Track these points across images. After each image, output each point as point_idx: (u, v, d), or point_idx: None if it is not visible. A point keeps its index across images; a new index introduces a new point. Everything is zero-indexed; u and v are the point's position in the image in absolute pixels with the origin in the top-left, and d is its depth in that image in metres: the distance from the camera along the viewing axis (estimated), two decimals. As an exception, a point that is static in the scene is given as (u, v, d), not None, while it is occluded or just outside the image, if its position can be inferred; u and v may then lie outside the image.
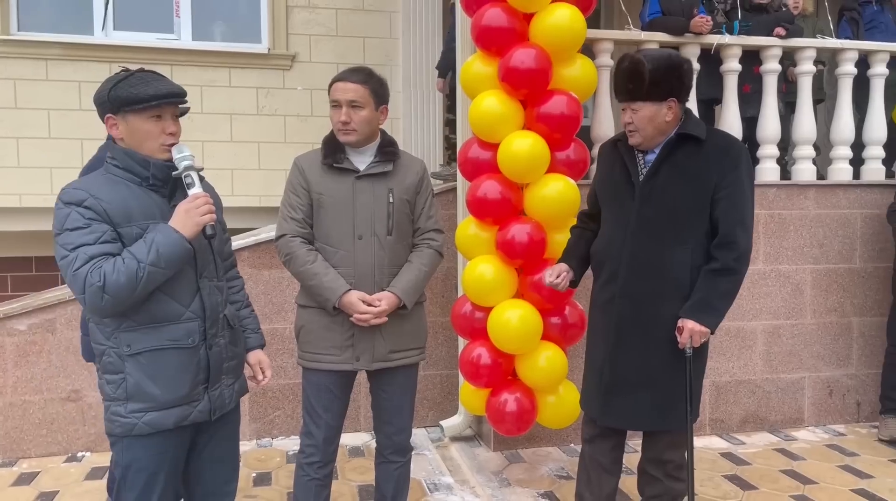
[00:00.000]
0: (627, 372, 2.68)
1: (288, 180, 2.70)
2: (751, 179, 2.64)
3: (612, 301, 2.72)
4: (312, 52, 6.31)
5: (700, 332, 2.53)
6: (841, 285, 4.60)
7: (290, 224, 2.63)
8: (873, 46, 4.73)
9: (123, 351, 2.03)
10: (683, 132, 2.61)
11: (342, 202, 2.61)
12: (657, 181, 2.63)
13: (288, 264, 2.66)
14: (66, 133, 5.81)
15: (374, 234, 2.65)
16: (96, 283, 1.91)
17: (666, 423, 2.69)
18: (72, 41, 5.80)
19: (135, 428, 2.04)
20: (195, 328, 2.10)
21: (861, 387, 4.67)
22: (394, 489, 2.86)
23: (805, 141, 4.66)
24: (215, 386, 2.18)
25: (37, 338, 4.04)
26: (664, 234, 2.62)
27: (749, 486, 3.66)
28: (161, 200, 2.08)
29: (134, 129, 2.03)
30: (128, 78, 2.02)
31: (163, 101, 2.01)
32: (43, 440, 4.07)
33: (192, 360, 2.10)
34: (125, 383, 2.03)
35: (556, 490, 3.63)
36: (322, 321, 2.63)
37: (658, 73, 2.52)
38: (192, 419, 2.12)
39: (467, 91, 3.78)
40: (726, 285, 2.58)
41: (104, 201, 1.97)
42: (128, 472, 2.10)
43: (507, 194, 3.55)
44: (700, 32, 4.32)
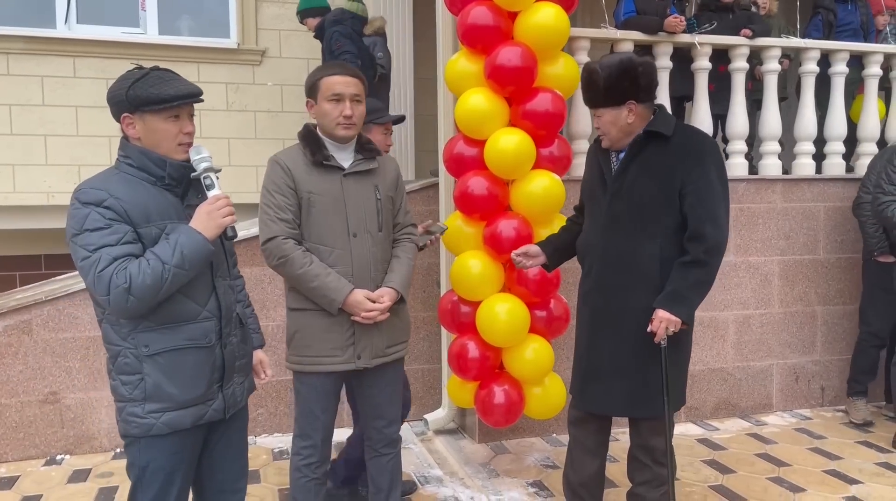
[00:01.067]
0: (601, 360, 2.79)
1: (269, 180, 2.57)
2: (720, 173, 2.68)
3: (590, 293, 2.85)
4: (283, 48, 6.25)
5: (670, 320, 2.60)
6: (806, 275, 4.79)
7: (279, 226, 2.53)
8: (835, 46, 4.92)
9: (141, 352, 2.01)
10: (650, 130, 2.70)
11: (334, 201, 2.58)
12: (626, 178, 2.72)
13: (282, 268, 2.54)
14: (29, 129, 5.65)
15: (367, 231, 2.65)
16: (122, 285, 1.89)
17: (638, 410, 2.78)
18: (34, 35, 5.63)
19: (153, 429, 2.03)
20: (212, 327, 2.10)
21: (825, 373, 4.88)
22: (389, 480, 2.89)
23: (771, 137, 4.83)
24: (229, 385, 2.18)
25: (12, 340, 3.94)
26: (633, 228, 2.71)
27: (728, 470, 3.81)
28: (175, 199, 2.07)
29: (151, 129, 2.01)
30: (145, 77, 2.00)
31: (183, 101, 2.01)
32: (20, 443, 3.98)
33: (208, 359, 2.10)
34: (143, 383, 2.02)
35: (543, 479, 3.71)
36: (321, 324, 2.59)
37: (611, 79, 2.63)
38: (207, 418, 2.12)
39: (452, 88, 3.82)
40: (696, 276, 2.64)
41: (124, 201, 1.95)
42: (144, 473, 2.08)
43: (493, 189, 3.61)
44: (673, 31, 4.43)
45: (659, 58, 4.57)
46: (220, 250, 2.18)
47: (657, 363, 2.69)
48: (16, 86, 5.60)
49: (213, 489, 2.28)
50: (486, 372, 3.71)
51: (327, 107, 2.58)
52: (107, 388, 4.04)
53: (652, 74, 2.73)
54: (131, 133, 2.03)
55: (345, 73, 2.61)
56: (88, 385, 4.05)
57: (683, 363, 2.86)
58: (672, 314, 2.60)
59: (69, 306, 4.01)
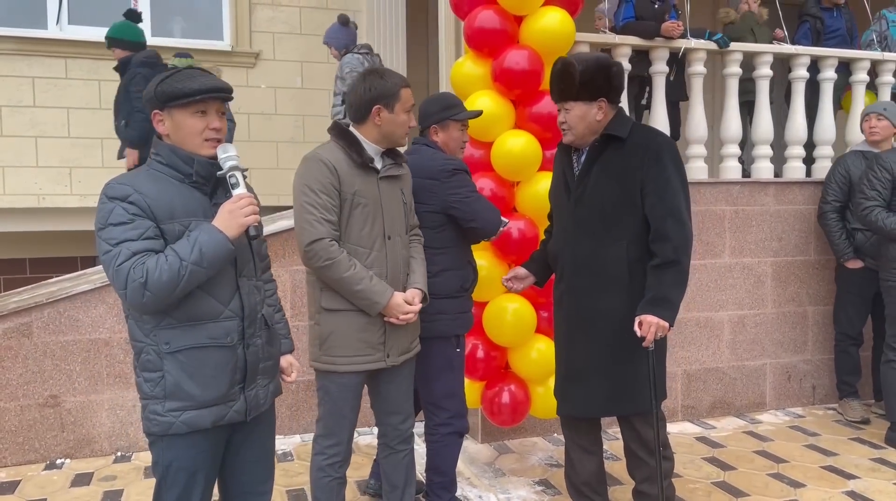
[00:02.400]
0: (577, 363, 2.85)
1: (313, 179, 2.53)
2: (678, 170, 2.69)
3: (563, 297, 2.91)
4: (276, 50, 6.27)
5: (658, 325, 2.61)
6: (798, 276, 4.90)
7: (325, 227, 2.50)
8: (824, 52, 5.04)
9: (162, 349, 2.01)
10: (606, 133, 2.74)
11: (374, 203, 2.61)
12: (588, 182, 2.77)
13: (327, 270, 2.51)
14: (20, 131, 5.61)
15: (398, 233, 2.71)
16: (139, 279, 1.89)
17: (618, 408, 2.84)
18: (25, 35, 5.59)
19: (172, 427, 2.03)
20: (234, 326, 2.09)
21: (816, 372, 4.99)
22: (405, 477, 2.91)
23: (763, 141, 4.93)
24: (251, 386, 2.16)
25: (12, 343, 3.89)
26: (598, 232, 2.76)
27: (728, 467, 3.87)
28: (203, 197, 2.07)
29: (178, 124, 2.02)
30: (175, 74, 2.02)
31: (207, 95, 2.00)
32: (20, 447, 3.92)
33: (230, 359, 2.09)
34: (164, 381, 2.02)
35: (549, 477, 3.75)
36: (357, 323, 2.59)
37: (587, 74, 2.67)
38: (228, 419, 2.11)
39: (458, 91, 3.85)
40: (671, 276, 2.66)
41: (148, 197, 1.96)
42: (168, 471, 2.09)
43: (500, 191, 3.65)
44: (670, 36, 4.51)
45: (656, 62, 4.65)
46: (247, 249, 2.17)
47: (633, 361, 2.73)
48: (6, 87, 5.56)
49: (239, 490, 2.27)
50: (493, 372, 3.74)
51: (404, 117, 2.64)
52: (108, 391, 4.03)
53: (622, 78, 2.79)
54: (161, 130, 2.05)
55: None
56: (89, 389, 4.02)
57: (662, 358, 2.89)
58: (658, 318, 2.62)
59: (70, 309, 3.97)
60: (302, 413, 4.40)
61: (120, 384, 4.06)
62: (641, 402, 2.75)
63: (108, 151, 5.73)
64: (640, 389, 2.73)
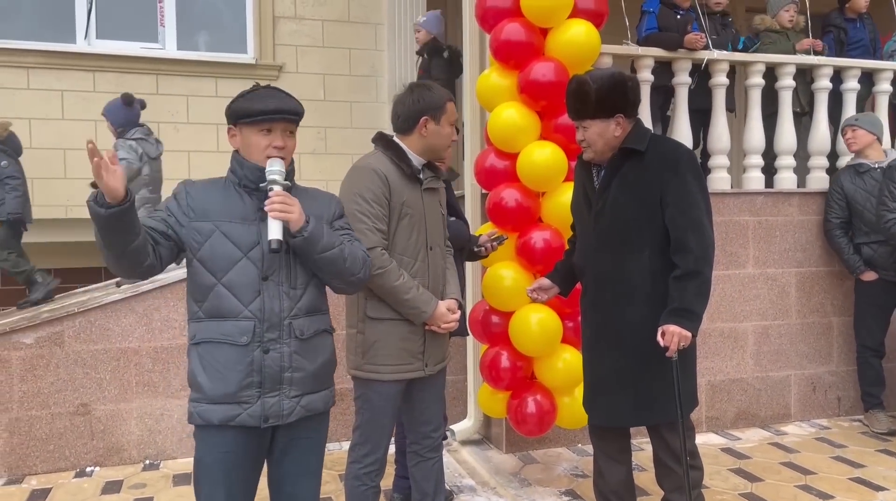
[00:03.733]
0: (603, 373, 2.86)
1: (365, 188, 2.54)
2: (697, 181, 2.70)
3: (588, 309, 2.94)
4: (299, 63, 6.34)
5: (681, 335, 2.62)
6: (822, 286, 4.88)
7: (377, 236, 2.53)
8: (847, 63, 5.04)
9: (191, 340, 2.16)
10: (624, 146, 2.75)
11: (419, 214, 2.65)
12: (608, 196, 2.79)
13: (378, 278, 2.51)
14: (48, 143, 5.70)
15: (438, 244, 2.77)
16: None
17: (645, 418, 2.85)
18: (54, 49, 5.69)
19: (192, 417, 2.15)
20: (249, 327, 2.12)
21: (841, 383, 4.95)
22: (434, 485, 2.92)
23: (786, 151, 4.93)
24: (273, 394, 2.14)
25: (44, 351, 3.95)
26: (619, 245, 2.77)
27: (755, 478, 3.86)
28: (251, 201, 2.17)
29: (246, 140, 2.16)
30: (251, 93, 2.16)
31: (270, 116, 2.11)
32: (50, 455, 3.98)
33: (242, 359, 2.11)
34: (189, 371, 2.17)
35: (575, 487, 3.75)
36: (400, 332, 2.62)
37: (603, 91, 2.69)
38: (239, 421, 2.11)
39: (483, 102, 3.89)
40: (693, 287, 2.66)
41: (191, 196, 2.16)
42: (199, 466, 2.18)
43: (525, 201, 3.68)
44: (693, 48, 4.53)
45: (678, 74, 4.67)
46: (285, 256, 2.17)
47: (660, 371, 2.72)
48: (36, 100, 5.66)
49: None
50: (519, 382, 3.76)
51: (449, 130, 2.69)
52: (136, 400, 4.08)
53: (638, 91, 2.81)
54: (233, 144, 2.22)
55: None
56: (119, 397, 4.07)
57: (690, 366, 2.90)
58: (681, 328, 2.63)
59: (101, 318, 4.03)
60: (327, 423, 4.42)
61: (148, 393, 4.11)
62: (668, 412, 2.75)
63: (134, 163, 5.81)
64: (666, 399, 2.73)
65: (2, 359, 3.89)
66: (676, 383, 2.70)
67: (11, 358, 3.91)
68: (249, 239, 2.14)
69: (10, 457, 3.91)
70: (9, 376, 3.90)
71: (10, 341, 3.90)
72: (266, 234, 2.09)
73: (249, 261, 2.13)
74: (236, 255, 2.13)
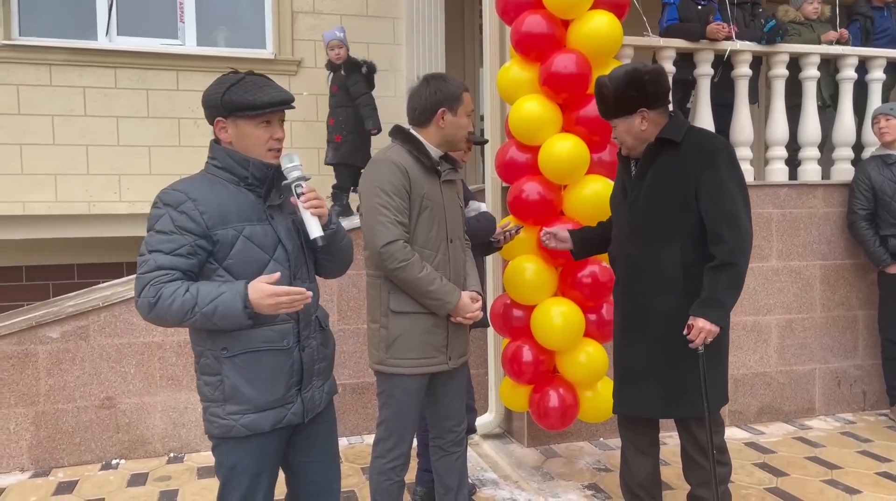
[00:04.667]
0: (634, 364, 2.86)
1: (385, 181, 2.53)
2: (734, 173, 2.70)
3: (620, 300, 2.94)
4: (318, 58, 6.32)
5: (709, 331, 2.63)
6: (847, 279, 4.82)
7: (399, 229, 2.51)
8: (872, 53, 4.97)
9: (220, 354, 2.04)
10: (660, 137, 2.75)
11: (439, 206, 2.64)
12: (643, 186, 2.79)
13: (401, 272, 2.51)
14: (70, 139, 5.73)
15: (458, 237, 2.75)
16: (150, 298, 1.93)
17: (674, 410, 2.85)
18: (75, 46, 5.73)
19: (232, 430, 2.06)
20: (289, 329, 2.11)
21: (866, 377, 4.90)
22: (458, 479, 2.91)
23: (811, 143, 4.87)
24: (307, 388, 2.18)
25: (69, 345, 3.99)
26: (653, 235, 2.77)
27: (780, 473, 3.82)
28: (256, 199, 2.10)
29: (243, 134, 2.05)
30: (239, 82, 2.03)
31: (276, 108, 2.04)
32: (77, 448, 4.02)
33: (286, 362, 2.11)
34: (223, 385, 2.05)
35: (598, 481, 3.73)
36: (424, 326, 2.61)
37: (619, 91, 2.72)
38: (286, 422, 2.13)
39: (504, 95, 3.87)
40: (726, 279, 2.66)
41: (201, 204, 1.99)
42: (232, 473, 2.12)
43: (547, 194, 3.66)
44: (715, 38, 4.48)
45: (700, 65, 4.63)
46: (301, 253, 2.19)
47: (689, 364, 2.72)
48: (59, 97, 5.69)
49: (310, 490, 2.31)
50: (541, 376, 3.74)
51: (465, 121, 2.68)
52: (161, 393, 4.11)
53: (660, 81, 2.79)
54: (223, 137, 2.07)
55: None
56: (143, 390, 4.10)
57: (722, 361, 2.89)
58: (709, 322, 2.63)
59: (125, 312, 4.06)
60: (348, 416, 4.44)
61: (172, 387, 4.14)
62: (696, 406, 2.73)
63: (156, 158, 5.86)
64: (695, 393, 2.73)
65: (28, 353, 3.94)
66: (703, 377, 2.69)
67: (38, 352, 3.95)
68: (271, 240, 2.08)
69: (36, 450, 3.96)
70: (35, 370, 3.95)
71: (36, 335, 3.94)
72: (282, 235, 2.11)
73: (277, 263, 2.09)
74: (264, 258, 2.06)
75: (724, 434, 2.95)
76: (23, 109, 5.62)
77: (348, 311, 4.43)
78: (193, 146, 5.86)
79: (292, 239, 2.15)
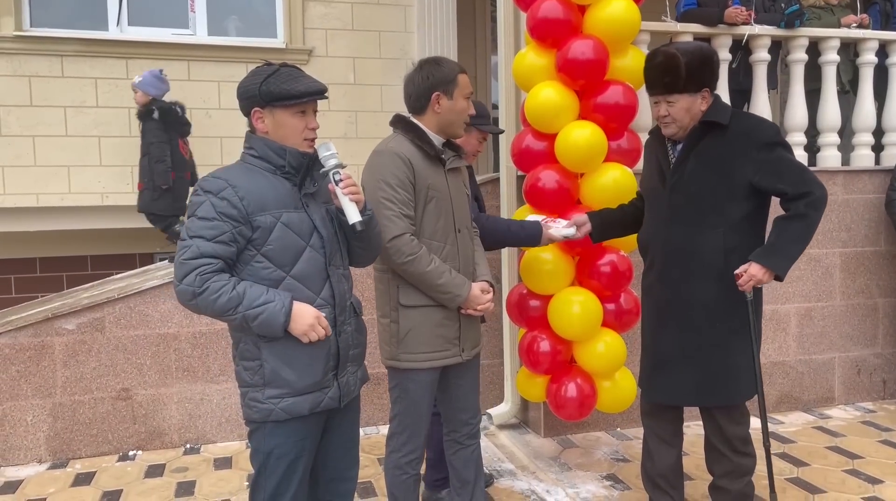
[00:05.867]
0: (669, 351, 2.82)
1: (389, 173, 2.47)
2: (790, 152, 2.70)
3: (653, 286, 2.88)
4: (329, 47, 6.30)
5: (761, 277, 2.61)
6: (867, 267, 4.75)
7: (405, 222, 2.47)
8: (893, 36, 4.87)
9: (259, 339, 2.08)
10: (706, 120, 2.70)
11: (445, 196, 2.58)
12: (685, 170, 2.74)
13: (409, 265, 2.47)
14: (83, 131, 5.73)
15: (466, 226, 2.69)
16: (195, 287, 1.97)
17: (707, 399, 2.81)
18: (87, 37, 5.71)
19: (272, 414, 2.09)
20: (327, 314, 2.13)
21: (886, 365, 4.84)
22: (475, 472, 2.89)
23: (830, 128, 4.80)
24: (343, 373, 2.23)
25: (86, 337, 3.99)
26: (694, 220, 2.72)
27: (801, 463, 3.79)
28: (292, 187, 2.13)
29: (280, 123, 2.09)
30: (275, 73, 2.08)
31: (312, 98, 2.08)
32: (93, 439, 4.03)
33: (324, 346, 2.13)
34: (262, 369, 2.09)
35: (617, 472, 3.71)
36: (436, 319, 2.57)
37: (693, 65, 2.63)
38: (324, 406, 2.16)
39: (520, 82, 3.82)
40: (796, 229, 2.64)
41: (241, 190, 2.03)
42: (269, 459, 2.14)
43: (564, 183, 3.60)
44: (734, 23, 4.41)
45: (718, 50, 4.55)
46: (335, 239, 2.21)
47: (725, 352, 2.71)
48: (71, 88, 5.69)
49: (327, 477, 2.33)
50: (558, 366, 3.71)
51: (463, 104, 2.60)
52: (176, 385, 4.11)
53: (720, 64, 2.77)
54: (260, 127, 2.11)
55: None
56: (159, 382, 4.10)
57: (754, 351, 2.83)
58: (766, 267, 2.61)
59: (140, 304, 4.05)
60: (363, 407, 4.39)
61: (188, 378, 4.14)
62: (730, 395, 2.73)
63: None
64: (728, 381, 2.71)
65: (45, 345, 3.94)
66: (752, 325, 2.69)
67: (54, 344, 3.95)
68: (307, 227, 2.12)
69: (54, 442, 3.98)
70: (52, 361, 3.95)
71: (52, 327, 3.95)
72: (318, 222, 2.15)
73: (313, 250, 2.12)
74: (300, 245, 2.10)
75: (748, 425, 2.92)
76: (35, 100, 5.62)
77: (363, 301, 4.40)
78: (206, 137, 5.84)
79: (327, 227, 2.19)
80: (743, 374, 2.77)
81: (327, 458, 2.30)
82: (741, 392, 2.80)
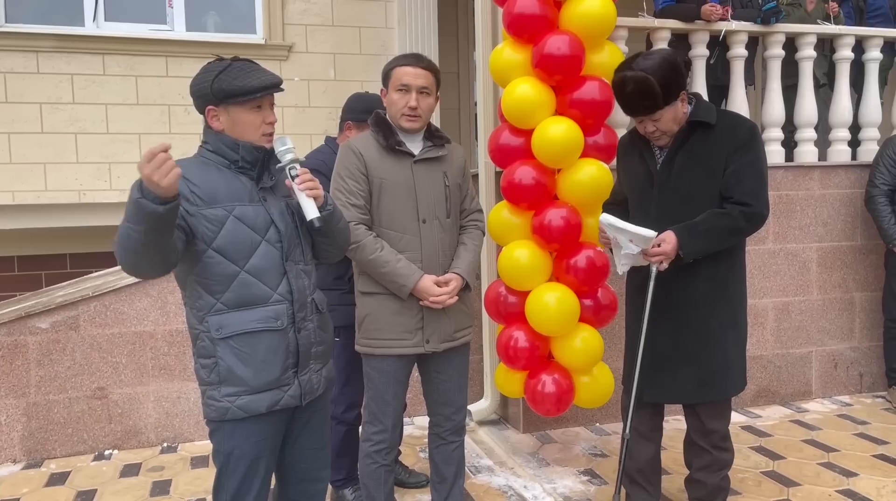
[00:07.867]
0: (665, 350, 2.83)
1: (341, 165, 2.63)
2: (763, 156, 2.75)
3: (645, 284, 2.86)
4: (309, 43, 6.26)
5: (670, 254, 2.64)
6: (844, 262, 4.79)
7: (351, 211, 2.56)
8: (869, 32, 4.91)
9: (214, 335, 2.04)
10: (694, 120, 2.73)
11: (405, 186, 2.62)
12: (673, 169, 2.76)
13: (353, 253, 2.58)
14: (59, 127, 5.66)
15: (436, 217, 2.69)
16: (114, 240, 1.85)
17: (706, 395, 2.83)
18: (63, 33, 5.64)
19: (228, 412, 2.06)
20: (283, 310, 2.10)
21: (863, 359, 4.88)
22: (455, 469, 2.90)
23: (807, 124, 4.83)
24: (304, 371, 2.18)
25: (59, 336, 3.95)
26: (684, 218, 2.73)
27: (777, 456, 3.81)
28: (250, 182, 2.10)
29: (236, 120, 2.04)
30: (227, 69, 2.02)
31: (266, 92, 2.04)
32: (69, 439, 3.99)
33: (281, 343, 2.10)
34: (217, 367, 2.05)
35: (594, 467, 3.72)
36: (391, 307, 2.62)
37: (666, 80, 2.62)
38: (283, 404, 2.13)
39: (497, 78, 3.81)
40: (721, 224, 2.66)
41: (192, 183, 2.00)
42: (229, 459, 2.10)
43: (541, 178, 3.60)
44: (709, 20, 4.42)
45: (695, 46, 4.57)
46: (295, 234, 2.18)
47: (720, 346, 2.76)
48: (47, 84, 5.61)
49: (297, 478, 2.29)
50: (536, 362, 3.71)
51: (395, 96, 2.63)
52: (153, 383, 4.08)
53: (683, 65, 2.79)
54: (216, 125, 2.07)
55: (417, 64, 2.63)
56: (135, 380, 4.07)
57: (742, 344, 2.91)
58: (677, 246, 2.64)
59: (115, 302, 4.02)
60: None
61: (164, 376, 4.11)
62: (725, 388, 2.79)
63: (146, 146, 5.76)
64: (724, 375, 2.76)
65: (18, 344, 3.90)
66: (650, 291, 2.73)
67: (28, 343, 3.91)
68: (263, 221, 2.09)
69: (28, 441, 3.93)
70: (25, 361, 3.91)
71: (25, 325, 3.91)
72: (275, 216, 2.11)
73: (269, 244, 2.09)
74: (255, 239, 2.07)
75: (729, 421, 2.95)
76: (10, 97, 5.54)
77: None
78: (184, 134, 5.78)
79: (285, 221, 2.15)
80: (734, 368, 2.82)
81: (296, 459, 2.27)
82: (735, 386, 2.86)
